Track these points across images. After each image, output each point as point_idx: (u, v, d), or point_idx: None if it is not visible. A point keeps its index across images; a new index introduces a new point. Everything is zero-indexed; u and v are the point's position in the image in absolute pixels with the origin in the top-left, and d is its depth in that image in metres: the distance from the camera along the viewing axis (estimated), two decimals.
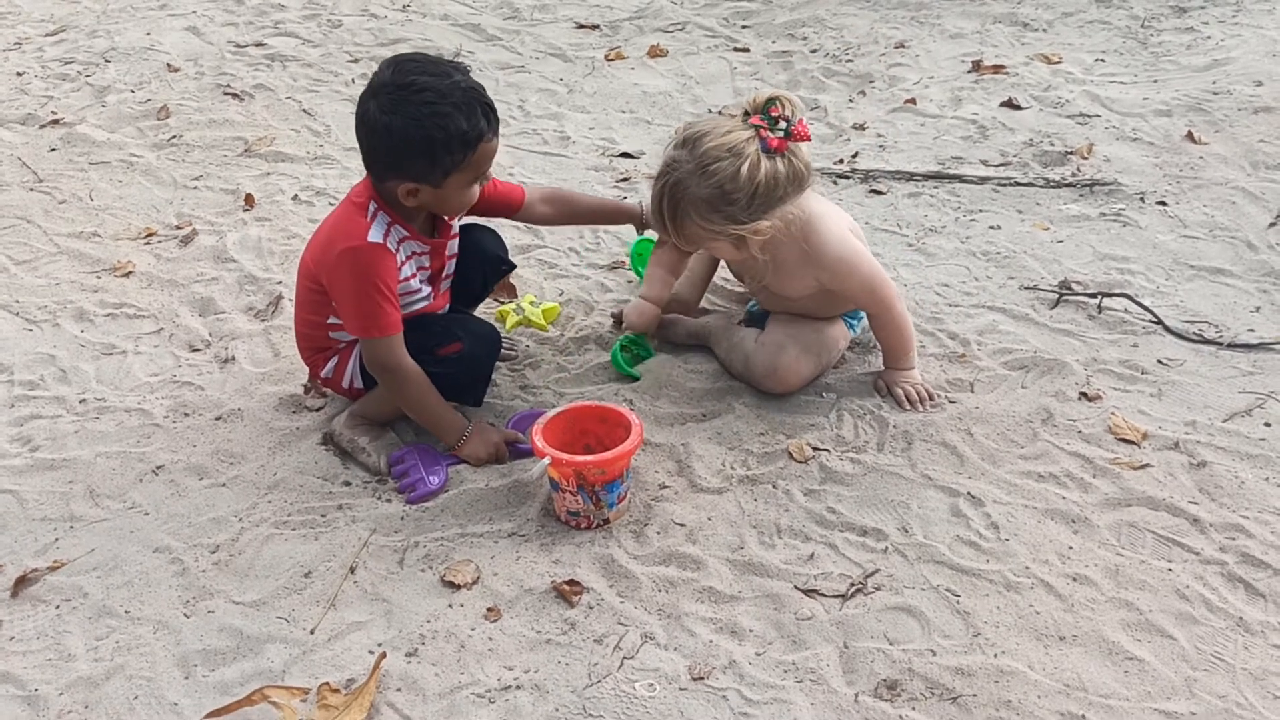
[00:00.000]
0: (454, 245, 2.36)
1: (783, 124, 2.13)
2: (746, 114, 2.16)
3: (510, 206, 2.45)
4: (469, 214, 2.32)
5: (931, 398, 2.36)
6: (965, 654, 1.78)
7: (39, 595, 1.95)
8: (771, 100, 2.14)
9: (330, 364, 2.32)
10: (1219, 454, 2.20)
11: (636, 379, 2.47)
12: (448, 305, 2.40)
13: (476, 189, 2.18)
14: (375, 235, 2.10)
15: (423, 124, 2.01)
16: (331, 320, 2.26)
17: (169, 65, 4.49)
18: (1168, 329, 2.60)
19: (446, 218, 2.28)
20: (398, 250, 2.14)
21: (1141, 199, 3.23)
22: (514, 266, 2.58)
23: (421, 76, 2.02)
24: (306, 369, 2.50)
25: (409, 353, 2.15)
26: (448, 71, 2.05)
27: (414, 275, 2.22)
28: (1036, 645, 1.79)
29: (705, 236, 2.20)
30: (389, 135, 2.03)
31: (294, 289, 2.84)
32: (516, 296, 2.80)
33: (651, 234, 2.58)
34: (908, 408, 2.34)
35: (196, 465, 2.26)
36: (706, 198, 2.13)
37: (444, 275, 2.35)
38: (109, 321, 2.79)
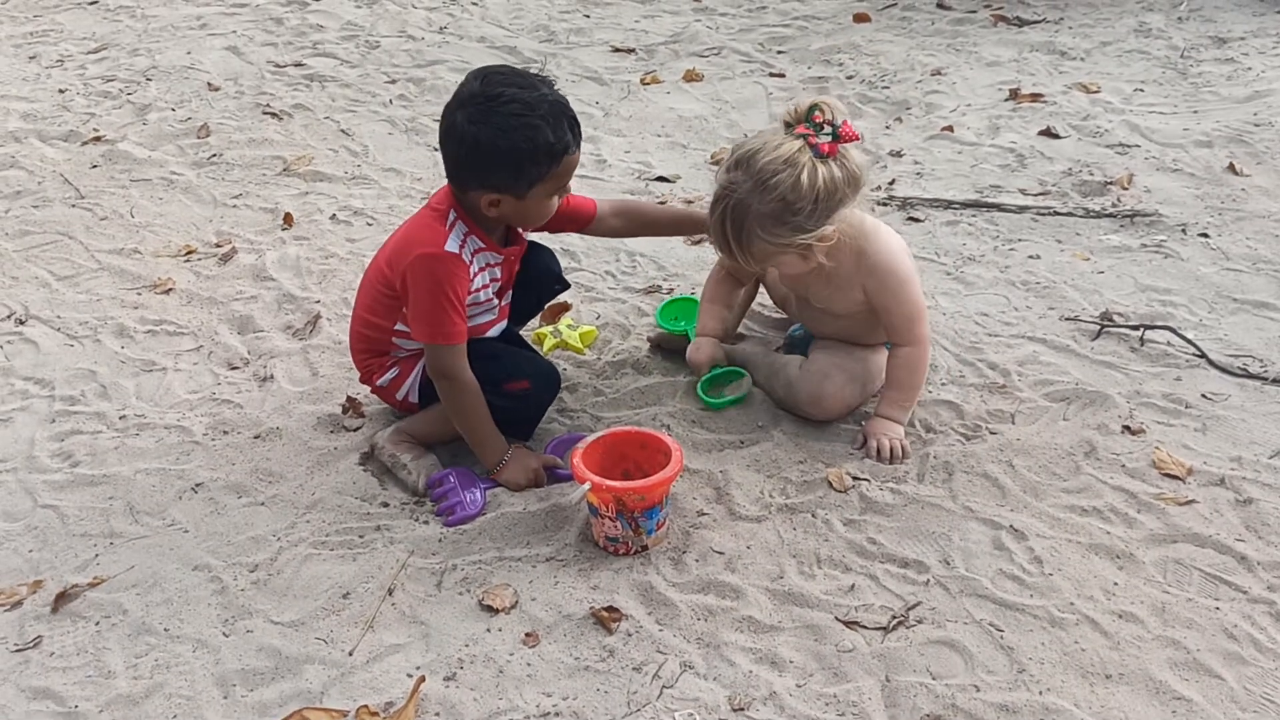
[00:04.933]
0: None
1: (828, 129, 2.11)
2: (788, 124, 2.14)
3: (583, 220, 2.47)
4: (540, 229, 2.34)
5: (906, 455, 2.29)
6: (1010, 690, 1.75)
7: (79, 611, 1.96)
8: (814, 107, 2.11)
9: (389, 374, 2.33)
10: (1265, 490, 2.17)
11: (726, 405, 2.45)
12: (506, 321, 2.41)
13: (556, 201, 2.21)
14: (452, 245, 2.12)
15: (510, 135, 2.03)
16: (399, 327, 2.26)
17: (209, 84, 4.53)
18: (1211, 363, 2.57)
19: (522, 229, 2.30)
20: (471, 261, 2.16)
21: (1183, 230, 3.20)
22: (568, 285, 2.60)
23: (509, 88, 2.04)
24: (343, 392, 2.52)
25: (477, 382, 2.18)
26: (535, 84, 2.08)
27: (486, 286, 2.24)
28: (1082, 683, 1.77)
29: (773, 251, 2.16)
30: (476, 146, 2.05)
31: (335, 305, 2.89)
32: (565, 316, 2.80)
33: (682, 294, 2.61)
34: (873, 458, 2.28)
35: (235, 483, 2.27)
36: (771, 212, 2.11)
37: (510, 288, 2.36)
38: (149, 338, 2.81)
